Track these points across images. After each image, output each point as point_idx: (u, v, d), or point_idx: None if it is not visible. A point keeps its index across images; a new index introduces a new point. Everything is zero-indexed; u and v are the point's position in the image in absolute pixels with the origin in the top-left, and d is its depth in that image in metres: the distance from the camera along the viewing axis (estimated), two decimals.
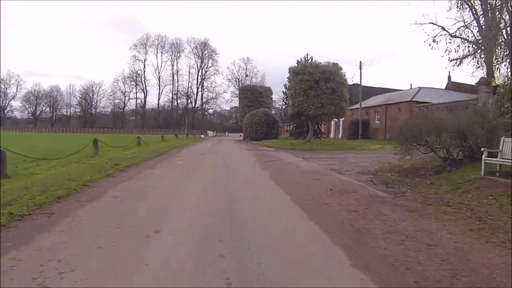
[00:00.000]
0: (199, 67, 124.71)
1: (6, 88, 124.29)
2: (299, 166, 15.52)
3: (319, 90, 31.47)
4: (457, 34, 26.17)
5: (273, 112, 58.23)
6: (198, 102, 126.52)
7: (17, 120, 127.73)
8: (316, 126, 42.22)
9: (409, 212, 7.01)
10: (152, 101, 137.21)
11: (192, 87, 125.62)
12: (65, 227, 5.67)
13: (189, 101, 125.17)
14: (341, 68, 33.12)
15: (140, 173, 12.08)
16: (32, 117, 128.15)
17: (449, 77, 52.06)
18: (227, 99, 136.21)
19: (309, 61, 43.95)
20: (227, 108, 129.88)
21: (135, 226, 5.80)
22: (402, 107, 39.83)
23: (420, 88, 43.45)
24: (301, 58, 44.26)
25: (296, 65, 38.49)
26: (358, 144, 32.21)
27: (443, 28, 26.57)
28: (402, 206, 7.57)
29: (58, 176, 10.28)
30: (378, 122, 44.62)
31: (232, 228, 5.79)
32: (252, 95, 52.35)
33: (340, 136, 53.38)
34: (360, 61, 45.47)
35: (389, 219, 6.49)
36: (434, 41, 26.64)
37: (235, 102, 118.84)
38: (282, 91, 49.39)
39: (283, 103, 56.63)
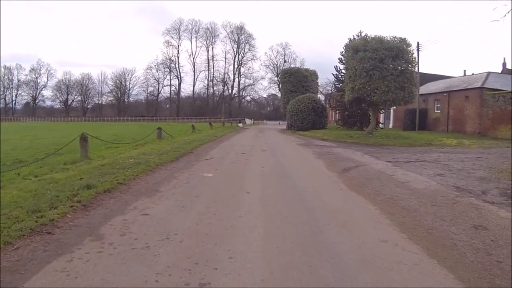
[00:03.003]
0: (235, 52, 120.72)
1: (37, 78, 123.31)
2: (404, 182, 9.41)
3: (384, 70, 25.00)
4: None
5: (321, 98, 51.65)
6: (235, 89, 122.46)
7: (53, 110, 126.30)
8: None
9: None
10: (187, 88, 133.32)
11: (229, 73, 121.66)
12: None
13: (225, 87, 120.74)
14: (410, 45, 26.34)
15: (122, 214, 5.87)
16: (64, 106, 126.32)
17: (504, 64, 45.52)
18: (265, 86, 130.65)
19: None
20: (264, 95, 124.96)
21: None
22: (470, 95, 33.84)
23: (489, 73, 36.67)
24: (353, 36, 36.96)
25: (348, 42, 32.09)
26: (429, 138, 26.07)
27: None
28: None
29: None
30: (439, 111, 38.56)
31: None
32: (296, 79, 46.05)
33: (390, 126, 46.83)
34: (418, 42, 38.64)
35: None
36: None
37: (273, 89, 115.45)
38: (332, 74, 42.55)
39: (333, 87, 49.58)
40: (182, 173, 10.17)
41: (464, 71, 53.03)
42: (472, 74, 42.30)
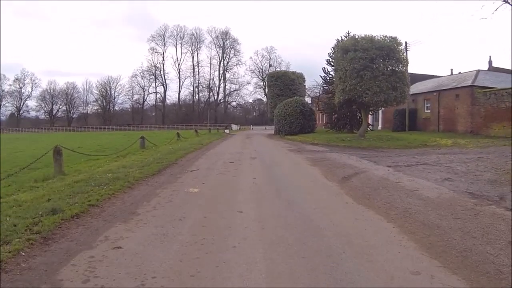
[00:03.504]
0: (220, 58, 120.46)
1: (21, 88, 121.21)
2: (413, 191, 8.40)
3: (376, 70, 24.28)
4: None
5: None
6: (221, 95, 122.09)
7: (38, 121, 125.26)
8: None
9: None
10: (172, 95, 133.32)
11: (214, 79, 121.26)
12: None
13: (211, 94, 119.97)
14: (400, 44, 25.60)
15: (89, 248, 4.76)
16: (49, 117, 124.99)
17: (490, 62, 45.29)
18: (250, 91, 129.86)
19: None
20: (250, 100, 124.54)
21: None
22: (460, 93, 33.81)
23: (478, 71, 36.41)
24: (341, 37, 35.98)
25: (337, 43, 31.40)
26: (422, 139, 25.46)
27: (505, 1, 20.10)
28: None
29: None
30: (429, 111, 38.44)
31: None
32: (283, 82, 45.10)
33: (379, 127, 46.16)
34: (406, 42, 38.04)
35: None
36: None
37: (259, 94, 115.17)
38: (320, 76, 41.48)
39: (321, 90, 48.62)
40: (165, 189, 8.99)
41: (451, 70, 52.71)
42: (459, 73, 41.94)
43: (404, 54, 25.76)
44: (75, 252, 4.64)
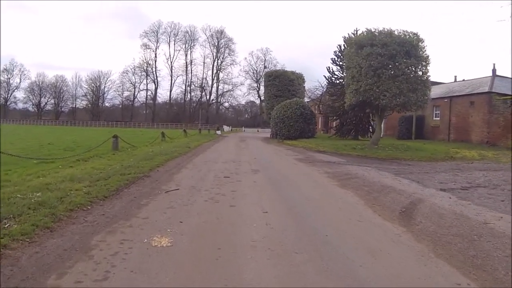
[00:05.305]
0: (214, 57, 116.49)
1: (9, 78, 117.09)
2: None
3: (396, 69, 20.90)
4: None
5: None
6: (213, 95, 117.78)
7: (28, 113, 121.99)
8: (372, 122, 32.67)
9: None
10: (163, 94, 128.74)
11: (207, 79, 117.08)
12: None
13: (203, 93, 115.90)
14: (422, 40, 21.97)
15: None
16: (36, 109, 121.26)
17: (494, 70, 41.72)
18: (244, 92, 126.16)
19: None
20: (242, 102, 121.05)
21: None
22: (476, 100, 30.72)
23: (494, 76, 33.43)
24: (348, 34, 32.26)
25: (347, 37, 27.89)
26: (442, 149, 22.22)
27: None
28: None
29: None
30: (438, 118, 35.30)
31: None
32: (281, 82, 41.73)
33: (381, 135, 42.53)
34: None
35: None
36: None
37: (252, 96, 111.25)
38: (324, 76, 37.69)
39: (324, 91, 44.80)
40: (110, 233, 4.98)
41: (455, 76, 49.64)
42: (463, 80, 38.81)
43: (426, 52, 21.96)
44: None
